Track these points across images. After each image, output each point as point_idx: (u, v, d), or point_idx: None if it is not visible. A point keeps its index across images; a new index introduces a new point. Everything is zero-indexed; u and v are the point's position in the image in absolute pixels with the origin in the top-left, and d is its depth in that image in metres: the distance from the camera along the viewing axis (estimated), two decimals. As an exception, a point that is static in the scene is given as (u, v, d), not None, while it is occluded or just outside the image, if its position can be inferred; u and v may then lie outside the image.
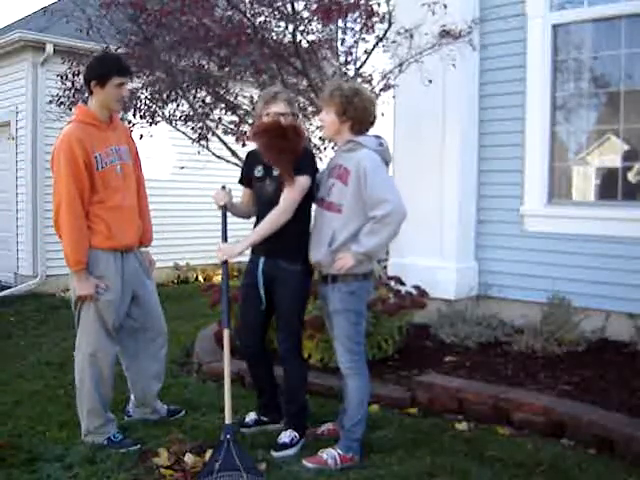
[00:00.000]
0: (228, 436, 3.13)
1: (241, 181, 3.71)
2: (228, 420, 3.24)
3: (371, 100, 3.40)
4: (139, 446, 3.48)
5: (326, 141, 6.10)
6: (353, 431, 3.31)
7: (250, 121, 5.77)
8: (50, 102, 6.84)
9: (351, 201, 3.24)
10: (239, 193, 3.76)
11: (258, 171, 3.54)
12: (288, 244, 3.39)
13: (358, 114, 3.30)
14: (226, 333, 3.35)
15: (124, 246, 3.60)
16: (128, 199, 3.63)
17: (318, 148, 6.35)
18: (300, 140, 3.42)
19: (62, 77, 6.43)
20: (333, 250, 3.26)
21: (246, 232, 3.50)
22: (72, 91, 6.35)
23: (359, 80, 5.58)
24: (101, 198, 3.49)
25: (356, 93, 3.31)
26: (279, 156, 3.36)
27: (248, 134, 5.24)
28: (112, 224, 3.51)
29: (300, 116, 3.48)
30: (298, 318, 3.51)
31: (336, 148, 3.62)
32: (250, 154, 3.69)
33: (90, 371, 3.52)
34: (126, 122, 6.15)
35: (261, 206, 3.55)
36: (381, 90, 5.57)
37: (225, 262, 3.45)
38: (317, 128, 6.22)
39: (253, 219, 3.64)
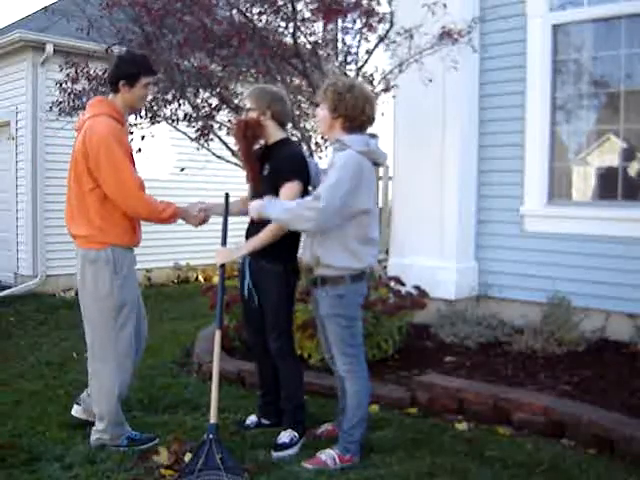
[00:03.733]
0: (211, 436, 3.12)
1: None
2: (212, 419, 3.22)
3: (366, 97, 3.22)
4: (157, 440, 3.49)
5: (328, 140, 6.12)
6: (351, 433, 3.28)
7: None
8: (50, 109, 6.82)
9: None
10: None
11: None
12: (271, 245, 3.37)
13: (349, 112, 3.17)
14: (217, 333, 3.35)
15: (137, 245, 3.61)
16: None
17: (319, 146, 6.36)
18: (254, 132, 3.46)
19: (60, 84, 6.40)
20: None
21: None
22: (71, 96, 6.33)
23: (360, 80, 5.57)
24: None
25: (350, 89, 3.17)
26: (240, 154, 3.56)
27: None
28: (136, 222, 3.52)
29: (269, 112, 3.47)
30: (286, 317, 3.52)
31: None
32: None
33: (118, 382, 3.47)
34: (127, 123, 6.14)
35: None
36: (382, 90, 5.57)
37: (222, 266, 3.45)
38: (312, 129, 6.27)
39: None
